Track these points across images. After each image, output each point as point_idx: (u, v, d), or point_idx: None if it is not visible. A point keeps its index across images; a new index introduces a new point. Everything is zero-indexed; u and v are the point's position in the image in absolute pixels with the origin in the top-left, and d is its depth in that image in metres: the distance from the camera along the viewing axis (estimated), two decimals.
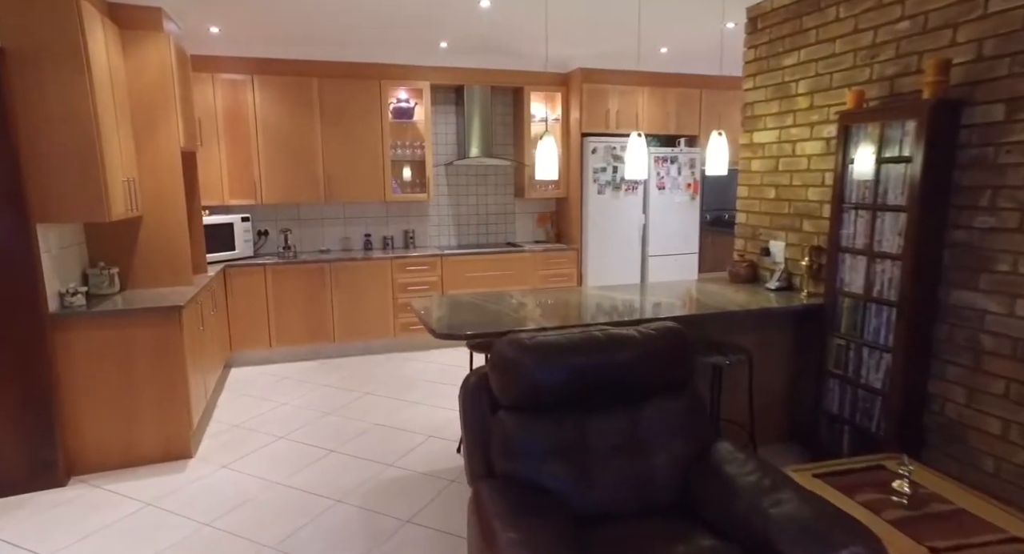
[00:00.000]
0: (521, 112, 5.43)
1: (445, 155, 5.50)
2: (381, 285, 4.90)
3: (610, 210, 5.39)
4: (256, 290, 4.57)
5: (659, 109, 5.51)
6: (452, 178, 5.56)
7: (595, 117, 5.30)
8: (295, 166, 4.78)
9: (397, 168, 5.28)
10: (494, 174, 5.68)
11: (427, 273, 5.02)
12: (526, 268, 5.31)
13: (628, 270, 5.53)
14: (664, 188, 5.54)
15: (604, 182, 5.33)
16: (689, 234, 5.73)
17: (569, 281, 5.50)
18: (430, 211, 5.54)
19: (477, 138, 5.25)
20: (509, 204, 5.79)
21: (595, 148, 5.24)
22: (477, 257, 5.15)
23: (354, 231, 5.32)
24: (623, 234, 5.46)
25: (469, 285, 5.17)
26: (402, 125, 5.23)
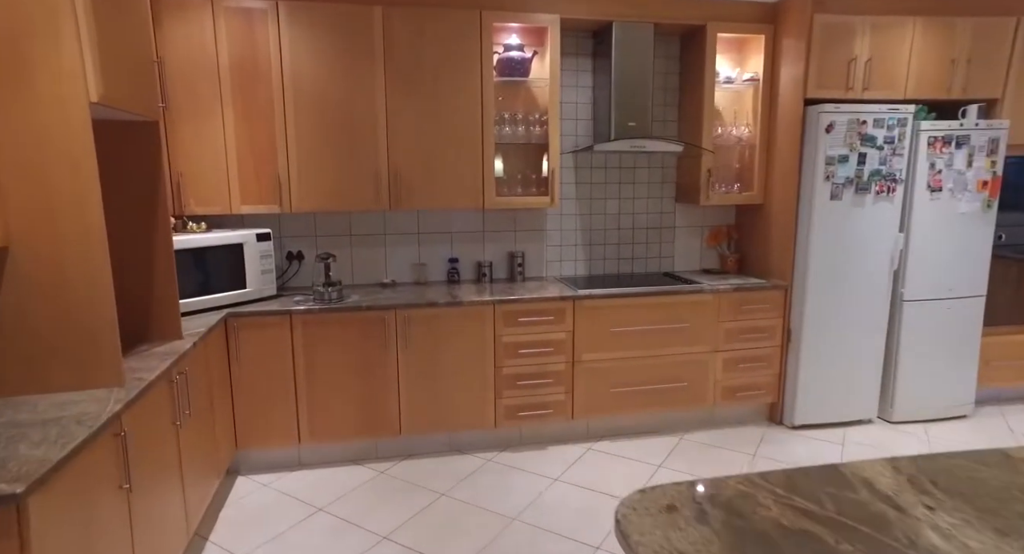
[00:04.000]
0: (697, 68, 3.38)
1: (575, 136, 3.54)
2: (476, 344, 3.00)
3: (847, 225, 3.25)
4: (278, 352, 2.78)
5: (938, 56, 3.30)
6: (583, 173, 3.59)
7: (830, 72, 3.17)
8: (344, 152, 2.96)
9: (506, 156, 3.37)
10: (646, 166, 3.67)
11: (550, 327, 3.08)
12: (704, 318, 3.27)
13: (866, 322, 3.37)
14: (940, 189, 3.33)
15: (843, 180, 3.19)
16: (976, 265, 3.48)
17: (771, 339, 3.40)
18: (549, 223, 3.59)
19: (630, 108, 3.25)
20: (668, 213, 3.76)
21: (831, 123, 3.12)
22: (628, 301, 3.15)
23: (433, 254, 3.46)
24: (863, 264, 3.31)
25: (616, 347, 3.19)
26: (513, 86, 3.31)
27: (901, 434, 3.39)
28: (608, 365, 3.19)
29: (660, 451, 3.16)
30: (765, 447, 3.21)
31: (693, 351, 3.29)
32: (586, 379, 3.17)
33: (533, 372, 3.10)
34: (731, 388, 3.39)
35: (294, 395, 2.84)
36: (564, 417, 3.17)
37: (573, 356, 3.14)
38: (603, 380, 3.20)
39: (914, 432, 3.42)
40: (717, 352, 3.33)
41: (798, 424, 3.42)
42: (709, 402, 3.37)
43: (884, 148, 3.19)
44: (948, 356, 3.50)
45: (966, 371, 3.56)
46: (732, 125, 3.52)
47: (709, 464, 3.02)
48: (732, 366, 3.36)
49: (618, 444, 3.24)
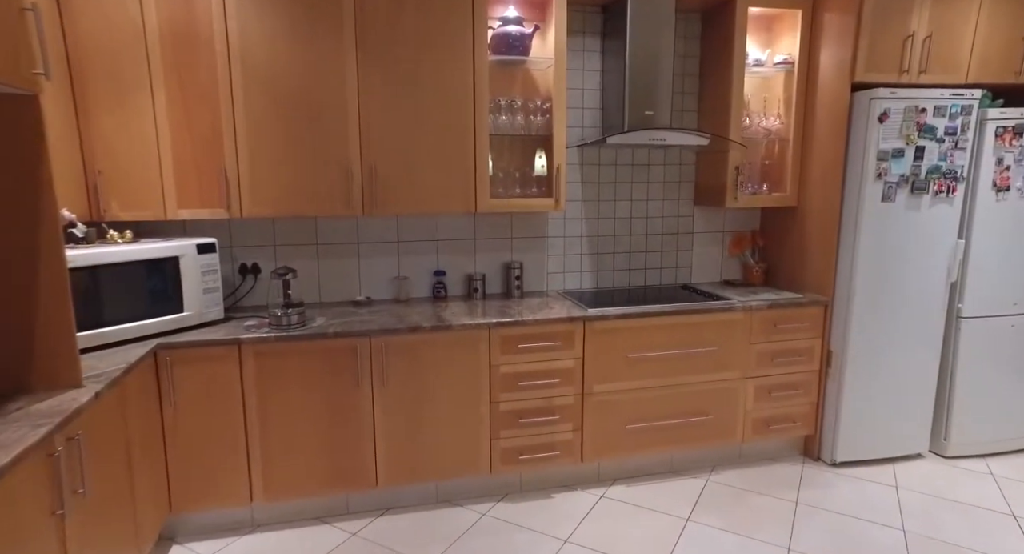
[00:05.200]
0: (723, 49, 2.90)
1: (582, 128, 3.04)
2: (468, 376, 2.49)
3: (900, 231, 2.78)
4: (224, 391, 2.25)
5: (1007, 33, 2.85)
6: (590, 170, 3.09)
7: (882, 52, 2.71)
8: (307, 145, 2.44)
9: (501, 150, 2.87)
10: (662, 164, 3.18)
11: (555, 353, 2.57)
12: (733, 339, 2.79)
13: (917, 342, 2.90)
14: (1008, 188, 2.87)
15: (897, 178, 2.72)
16: None
17: (808, 362, 2.93)
18: (551, 229, 3.09)
19: (647, 95, 2.76)
20: (685, 217, 3.27)
21: (886, 111, 2.65)
22: (647, 321, 2.66)
23: (416, 266, 2.94)
24: (916, 276, 2.84)
25: (633, 375, 2.69)
26: (510, 67, 2.81)
27: (960, 471, 2.94)
28: (624, 397, 2.69)
29: (685, 498, 2.67)
30: (806, 492, 2.73)
31: (721, 378, 2.80)
32: (598, 414, 2.68)
33: (536, 407, 2.60)
34: (763, 420, 2.91)
35: (245, 444, 2.31)
36: (572, 459, 2.67)
37: (583, 388, 2.64)
38: (618, 415, 2.70)
39: (974, 469, 2.97)
40: (748, 379, 2.85)
41: (840, 461, 2.95)
42: (738, 437, 2.88)
43: (945, 140, 2.73)
44: (1012, 381, 3.05)
45: None
46: (761, 116, 3.05)
47: (746, 515, 2.53)
48: (764, 395, 2.88)
49: (635, 489, 2.75)
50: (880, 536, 2.39)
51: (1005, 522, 2.51)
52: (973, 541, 2.37)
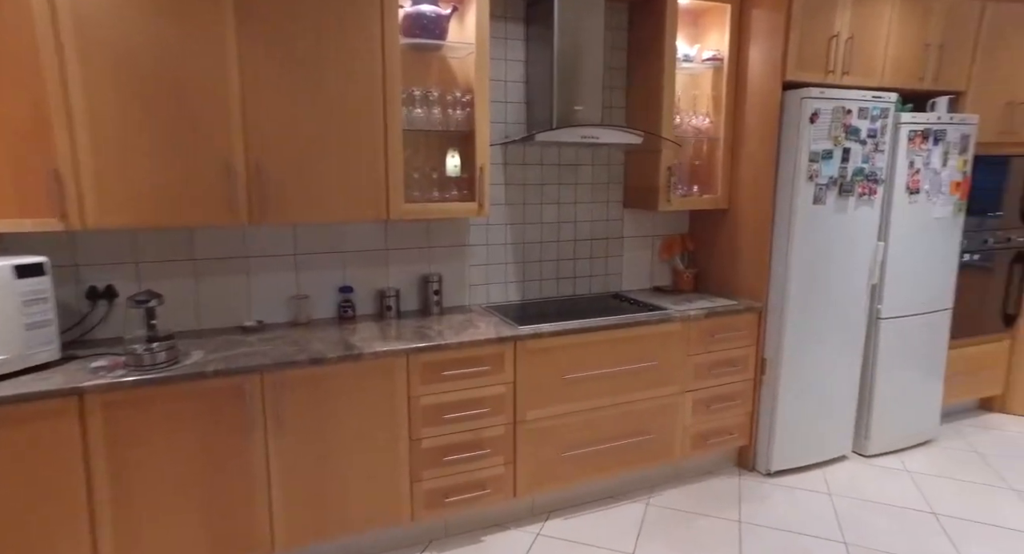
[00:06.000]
0: (652, 43, 2.72)
1: (505, 124, 2.74)
2: (383, 411, 2.13)
3: (829, 233, 2.73)
4: (59, 457, 1.74)
5: (913, 38, 2.88)
6: (514, 171, 2.80)
7: (810, 51, 2.63)
8: (174, 138, 1.96)
9: (417, 147, 2.50)
10: (590, 164, 2.96)
11: (484, 379, 2.27)
12: (673, 352, 2.62)
13: (843, 345, 2.89)
14: (918, 191, 2.91)
15: (826, 180, 2.66)
16: (947, 275, 3.13)
17: (743, 372, 2.82)
18: (473, 237, 2.77)
19: (576, 90, 2.52)
20: (615, 221, 3.07)
21: (816, 110, 2.57)
22: (584, 338, 2.42)
23: (318, 282, 2.52)
24: (843, 278, 2.81)
25: (570, 398, 2.44)
26: (425, 53, 2.46)
27: (880, 470, 2.96)
28: (560, 423, 2.44)
29: (627, 527, 2.47)
30: (747, 507, 2.62)
31: (661, 394, 2.63)
32: (532, 444, 2.40)
33: (463, 442, 2.28)
34: (701, 434, 2.77)
35: (89, 521, 1.80)
36: (504, 496, 2.38)
37: (515, 416, 2.35)
38: (554, 443, 2.44)
39: (892, 466, 3.01)
40: (687, 392, 2.69)
41: (774, 470, 2.87)
42: (677, 455, 2.72)
43: (867, 143, 2.71)
44: (919, 377, 3.12)
45: (934, 392, 3.22)
46: (690, 114, 2.90)
47: (691, 541, 2.37)
48: (702, 408, 2.75)
49: (574, 522, 2.51)
50: (824, 552, 2.31)
51: (928, 522, 2.53)
52: (908, 547, 2.34)
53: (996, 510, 2.63)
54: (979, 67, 3.09)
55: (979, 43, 3.05)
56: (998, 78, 3.15)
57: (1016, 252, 3.50)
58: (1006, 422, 3.58)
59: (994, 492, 2.78)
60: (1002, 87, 3.19)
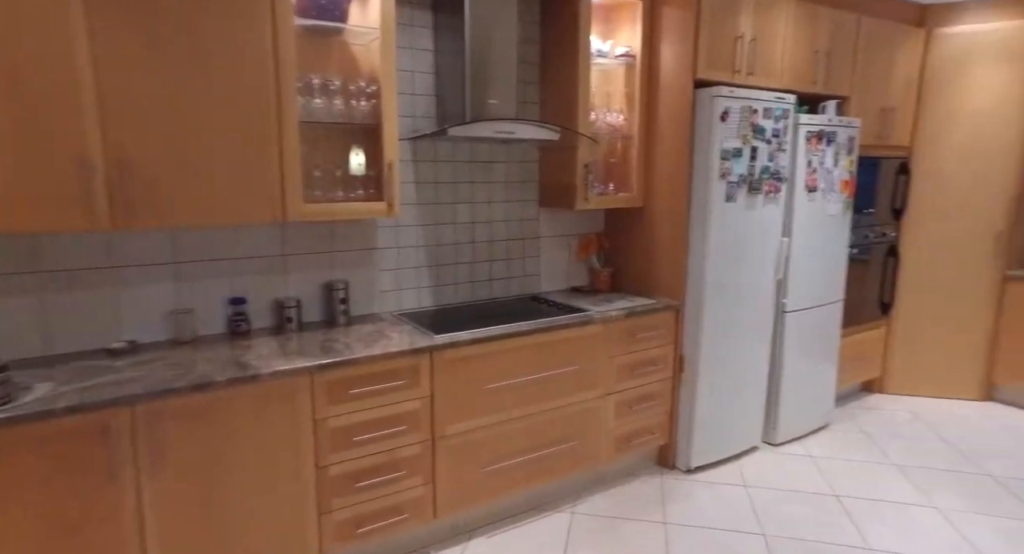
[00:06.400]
0: (565, 36, 2.64)
1: (413, 117, 2.55)
2: (284, 439, 1.88)
3: (740, 231, 2.78)
4: None
5: (805, 44, 3.00)
6: (425, 168, 2.62)
7: (719, 50, 2.66)
8: (6, 129, 1.60)
9: (319, 142, 2.25)
10: (504, 161, 2.83)
11: (398, 395, 2.08)
12: (595, 355, 2.55)
13: (754, 339, 2.98)
14: (816, 189, 3.05)
15: (737, 178, 2.71)
16: (840, 268, 3.31)
17: (663, 370, 2.82)
18: (382, 239, 2.56)
19: (490, 82, 2.38)
20: (531, 220, 2.97)
21: (726, 109, 2.60)
22: (504, 344, 2.29)
23: (204, 294, 2.21)
24: (753, 274, 2.89)
25: (491, 409, 2.31)
26: (324, 37, 2.22)
27: (788, 458, 3.08)
28: (481, 436, 2.30)
29: (554, 540, 2.37)
30: (672, 508, 2.61)
31: (584, 399, 2.55)
32: (452, 460, 2.24)
33: (377, 465, 2.08)
34: (625, 437, 2.73)
35: None
36: (424, 519, 2.21)
37: (433, 432, 2.18)
38: (475, 458, 2.30)
39: (797, 453, 3.14)
40: (610, 395, 2.64)
41: (694, 467, 2.90)
42: (601, 460, 2.67)
43: (771, 142, 2.79)
44: (818, 366, 3.29)
45: (830, 379, 3.41)
46: (605, 111, 2.85)
47: (620, 548, 2.31)
48: (625, 410, 2.71)
49: (498, 540, 2.38)
50: (746, 546, 2.33)
51: (832, 505, 2.64)
52: (818, 532, 2.42)
53: (885, 486, 2.80)
54: (859, 75, 3.30)
55: (857, 53, 3.25)
56: (873, 86, 3.38)
57: (889, 246, 3.78)
58: (884, 402, 3.86)
59: (882, 469, 2.97)
60: (877, 94, 3.42)
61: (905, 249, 3.79)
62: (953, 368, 3.84)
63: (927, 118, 3.66)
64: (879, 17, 3.35)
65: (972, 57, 3.54)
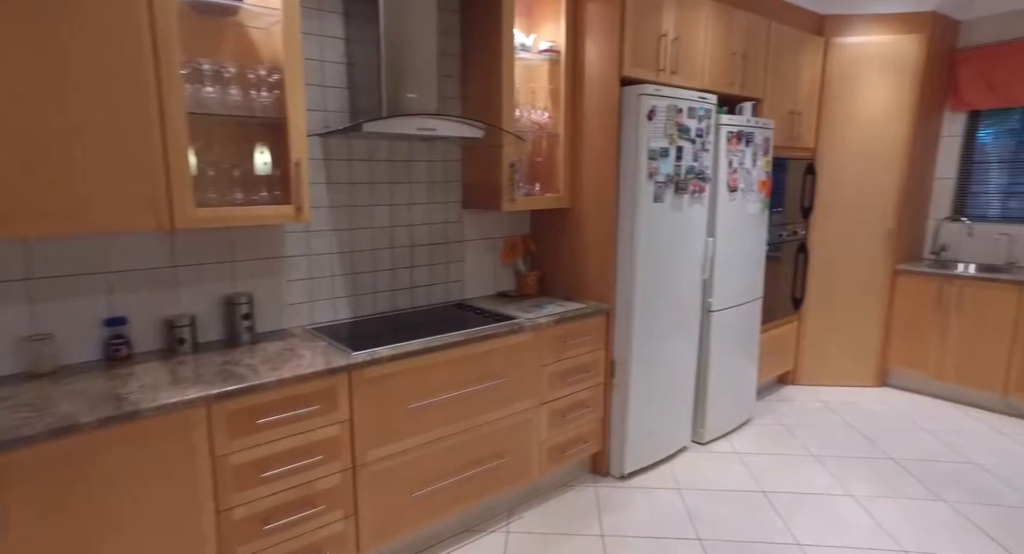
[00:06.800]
0: (491, 30, 2.50)
1: (324, 112, 2.31)
2: (176, 482, 1.61)
3: (668, 231, 2.76)
4: None
5: (723, 47, 3.03)
6: (339, 167, 2.39)
7: (644, 48, 2.61)
8: None
9: (213, 137, 1.96)
10: (425, 160, 2.65)
11: (313, 421, 1.85)
12: (526, 364, 2.43)
13: (683, 340, 2.97)
14: (736, 189, 3.09)
15: (664, 178, 2.67)
16: (759, 266, 3.39)
17: (596, 376, 2.75)
18: (291, 246, 2.30)
19: (408, 74, 2.19)
20: (454, 223, 2.80)
21: (653, 108, 2.56)
22: (430, 358, 2.11)
23: (70, 315, 1.87)
24: (681, 275, 2.88)
25: (417, 429, 2.12)
26: (214, 18, 1.94)
27: (716, 457, 3.10)
28: (407, 459, 2.11)
29: None
30: (608, 519, 2.53)
31: (515, 411, 2.42)
32: (376, 489, 2.04)
33: (290, 501, 1.84)
34: (558, 447, 2.63)
35: None
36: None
37: (354, 459, 1.97)
38: (401, 484, 2.11)
39: (724, 450, 3.18)
40: (542, 405, 2.53)
41: (628, 472, 2.85)
42: (534, 474, 2.55)
43: (696, 142, 2.78)
44: (741, 363, 3.35)
45: (751, 376, 3.49)
46: (529, 108, 2.74)
47: None
48: (558, 420, 2.61)
49: None
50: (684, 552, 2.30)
51: (760, 501, 2.67)
52: (750, 531, 2.43)
53: (806, 479, 2.88)
54: (770, 78, 3.39)
55: (769, 57, 3.34)
56: (783, 89, 3.49)
57: (800, 243, 3.93)
58: (797, 393, 4.03)
59: (801, 461, 3.05)
60: (786, 97, 3.54)
61: (813, 246, 3.96)
62: (854, 358, 4.07)
63: (828, 122, 3.84)
64: (786, 24, 3.46)
65: (863, 66, 3.75)
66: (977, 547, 2.35)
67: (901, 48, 3.72)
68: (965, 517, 2.56)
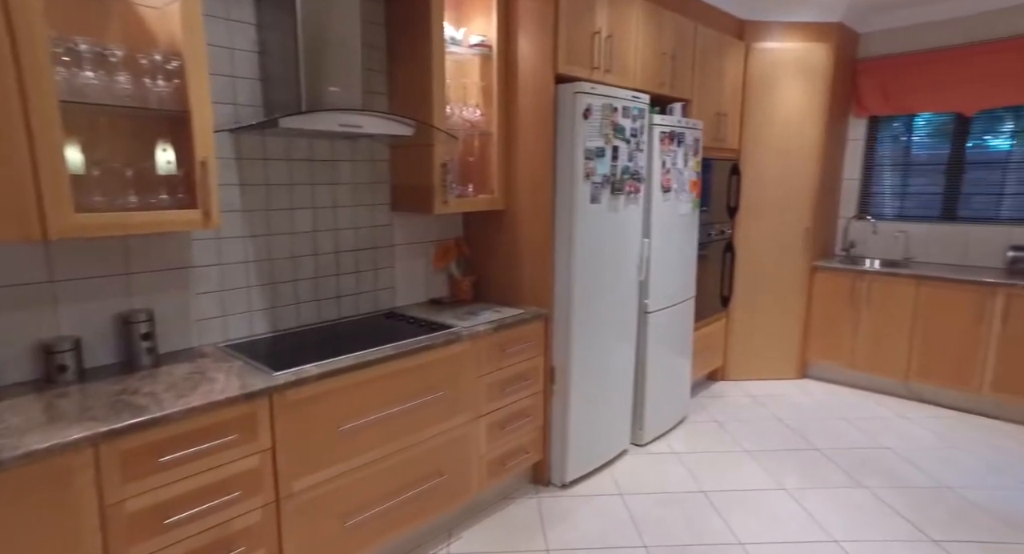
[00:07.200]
0: (419, 21, 2.34)
1: (235, 105, 2.07)
2: (51, 540, 1.36)
3: (605, 233, 2.70)
4: None
5: (654, 47, 3.02)
6: (253, 167, 2.15)
7: (578, 45, 2.54)
8: None
9: (99, 131, 1.69)
10: (350, 159, 2.45)
11: (229, 453, 1.64)
12: (463, 376, 2.30)
13: (621, 343, 2.94)
14: (670, 190, 3.09)
15: (601, 179, 2.62)
16: (692, 266, 3.42)
17: (535, 383, 2.65)
18: (198, 255, 2.05)
19: (330, 65, 2.00)
20: (383, 226, 2.62)
21: (589, 106, 2.49)
22: (361, 374, 1.94)
23: None
24: (618, 277, 2.84)
25: (349, 452, 1.94)
26: None
27: (655, 458, 3.09)
28: (338, 486, 1.93)
29: None
30: (552, 532, 2.45)
31: (453, 426, 2.29)
32: (303, 521, 1.85)
33: (203, 546, 1.62)
34: (498, 460, 2.52)
35: None
36: None
37: (277, 492, 1.77)
38: (331, 513, 1.92)
39: (662, 451, 3.18)
40: (481, 418, 2.41)
41: (569, 481, 2.78)
42: (474, 490, 2.43)
43: (631, 142, 2.74)
44: (676, 363, 3.37)
45: (685, 374, 3.52)
46: (460, 105, 2.60)
47: None
48: (498, 431, 2.49)
49: None
50: None
51: (700, 501, 2.68)
52: (692, 533, 2.42)
53: (742, 475, 2.92)
54: (697, 80, 3.42)
55: (696, 59, 3.37)
56: (709, 91, 3.54)
57: (727, 242, 4.03)
58: (727, 388, 4.12)
59: (736, 458, 3.10)
60: (712, 99, 3.60)
61: (739, 245, 4.06)
62: (777, 351, 4.22)
63: (750, 123, 3.95)
64: (711, 27, 3.51)
65: (781, 70, 3.88)
66: (896, 530, 2.45)
67: (813, 55, 3.88)
68: (883, 501, 2.67)
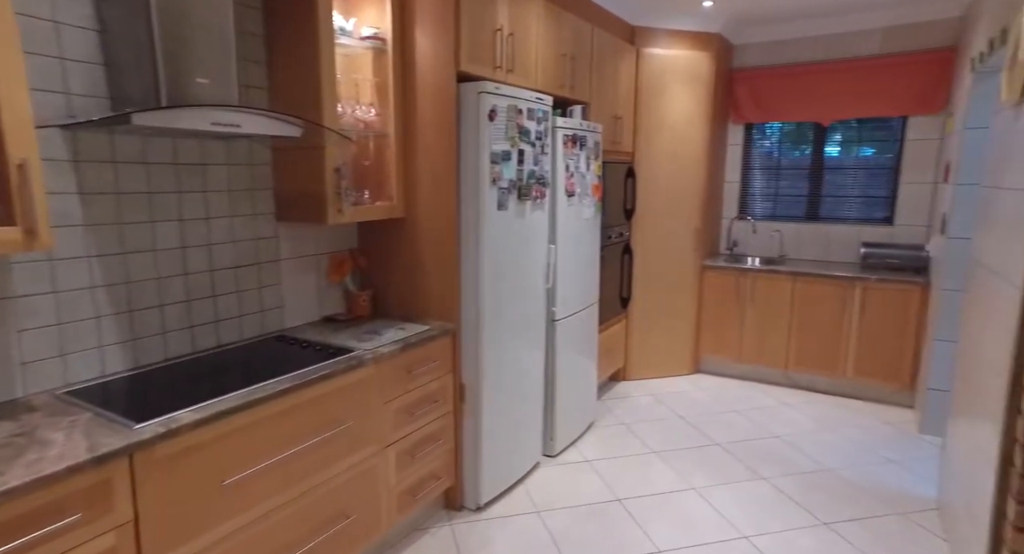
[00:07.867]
0: (301, 7, 2.07)
1: (67, 94, 1.68)
2: None
3: (513, 240, 2.58)
4: None
5: (554, 47, 2.95)
6: (98, 172, 1.77)
7: (481, 42, 2.39)
8: None
9: None
10: (225, 163, 2.12)
11: (72, 536, 1.30)
12: (367, 404, 2.07)
13: (531, 353, 2.84)
14: (573, 194, 3.03)
15: (508, 184, 2.48)
16: (595, 271, 3.40)
17: (444, 404, 2.47)
18: (23, 283, 1.64)
19: (194, 52, 1.69)
20: (268, 239, 2.31)
21: (494, 107, 2.35)
22: (246, 416, 1.66)
23: None
24: (526, 286, 2.74)
25: (235, 509, 1.65)
26: None
27: (568, 469, 3.03)
28: (227, 549, 1.63)
29: None
30: None
31: (358, 460, 2.05)
32: None
33: None
34: (408, 490, 2.31)
35: None
36: None
37: None
38: None
39: (574, 460, 3.13)
40: (388, 447, 2.19)
41: (484, 503, 2.63)
42: (384, 526, 2.20)
43: (536, 145, 2.64)
44: (583, 369, 3.34)
45: (592, 379, 3.50)
46: (352, 103, 2.35)
47: None
48: (407, 460, 2.29)
49: None
50: None
51: (617, 510, 2.65)
52: (613, 545, 2.38)
53: (653, 478, 2.94)
54: (595, 83, 3.42)
55: (593, 61, 3.36)
56: (606, 94, 3.55)
57: (624, 244, 4.08)
58: (629, 388, 4.19)
59: (645, 460, 3.12)
60: (609, 102, 3.61)
61: (636, 247, 4.13)
62: (673, 349, 4.35)
63: (642, 127, 4.03)
64: (607, 31, 3.51)
65: (669, 76, 4.00)
66: (795, 518, 2.57)
67: (696, 63, 4.03)
68: (780, 491, 2.80)
